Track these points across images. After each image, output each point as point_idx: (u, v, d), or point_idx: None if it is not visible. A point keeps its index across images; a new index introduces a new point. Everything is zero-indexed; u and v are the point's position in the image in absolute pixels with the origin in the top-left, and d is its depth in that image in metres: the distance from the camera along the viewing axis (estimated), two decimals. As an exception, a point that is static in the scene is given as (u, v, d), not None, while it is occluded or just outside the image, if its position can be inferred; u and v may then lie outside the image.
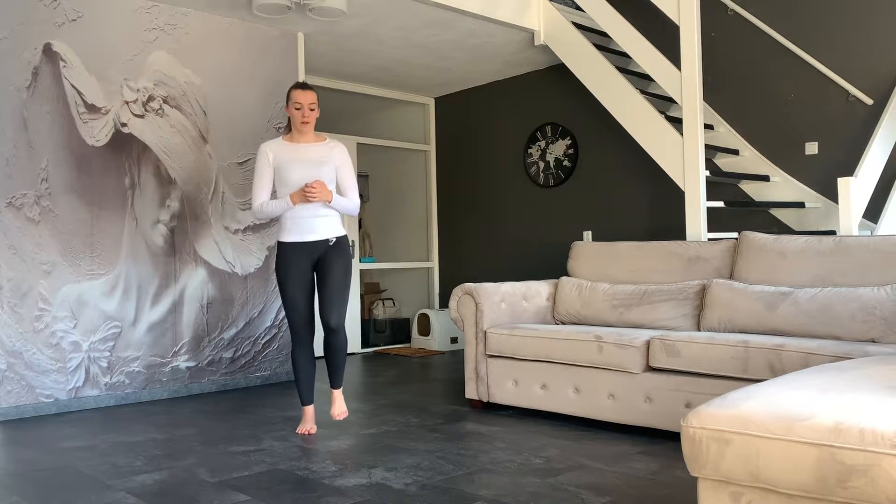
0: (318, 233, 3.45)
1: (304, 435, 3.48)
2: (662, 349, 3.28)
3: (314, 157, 3.46)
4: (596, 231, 5.88)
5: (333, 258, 3.47)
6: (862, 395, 1.61)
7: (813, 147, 4.79)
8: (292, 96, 3.46)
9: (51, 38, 4.21)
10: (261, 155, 3.47)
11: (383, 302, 7.26)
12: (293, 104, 3.45)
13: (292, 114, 3.47)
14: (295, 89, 3.48)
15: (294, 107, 3.45)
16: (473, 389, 4.02)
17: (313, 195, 3.32)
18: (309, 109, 3.45)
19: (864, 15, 4.57)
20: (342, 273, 3.47)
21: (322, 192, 3.35)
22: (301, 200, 3.38)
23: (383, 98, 6.96)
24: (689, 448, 1.62)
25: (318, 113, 3.51)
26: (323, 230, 3.46)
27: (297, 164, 3.42)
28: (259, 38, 5.09)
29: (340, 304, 3.47)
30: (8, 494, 2.66)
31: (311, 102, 3.46)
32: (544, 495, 2.51)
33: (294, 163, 3.42)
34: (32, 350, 4.10)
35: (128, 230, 4.46)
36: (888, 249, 3.29)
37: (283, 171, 3.43)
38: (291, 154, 3.45)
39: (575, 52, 5.16)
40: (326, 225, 3.47)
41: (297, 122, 3.46)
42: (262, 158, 3.46)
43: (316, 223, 3.44)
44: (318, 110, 3.50)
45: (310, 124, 3.47)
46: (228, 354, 4.85)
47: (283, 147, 3.48)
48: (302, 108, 3.44)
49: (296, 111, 3.45)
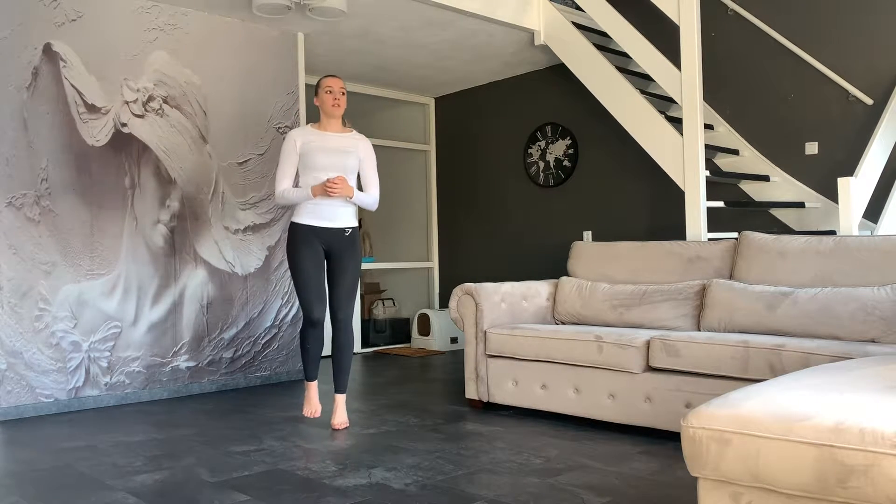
0: (334, 221, 3.52)
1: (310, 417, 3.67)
2: (662, 349, 3.28)
3: (340, 146, 3.54)
4: (596, 231, 5.88)
5: (347, 256, 3.55)
6: (862, 395, 1.61)
7: (813, 147, 4.79)
8: (322, 83, 3.56)
9: (51, 38, 4.21)
10: (288, 141, 3.54)
11: (383, 302, 7.27)
12: (324, 89, 3.54)
13: (323, 99, 3.54)
14: (325, 77, 3.59)
15: (325, 90, 3.54)
16: (473, 389, 4.02)
17: (334, 190, 3.38)
18: (340, 93, 3.54)
19: (864, 15, 4.57)
20: (354, 272, 3.58)
21: (343, 187, 3.41)
22: (321, 194, 3.44)
23: (383, 98, 6.96)
24: (689, 448, 1.62)
25: (346, 103, 3.59)
26: (340, 219, 3.54)
27: (323, 151, 3.49)
28: (259, 38, 5.09)
29: (350, 301, 3.59)
30: (8, 494, 2.66)
31: (342, 87, 3.56)
32: (544, 495, 2.51)
33: (320, 150, 3.50)
34: (32, 350, 4.10)
35: (128, 230, 4.46)
36: (888, 249, 3.29)
37: (309, 157, 3.49)
38: (319, 141, 3.52)
39: (575, 52, 5.16)
40: (344, 215, 3.55)
41: (328, 105, 3.53)
42: (288, 144, 3.53)
43: (335, 212, 3.52)
44: (345, 99, 3.57)
45: (340, 108, 3.55)
46: (228, 354, 4.85)
47: (310, 134, 3.55)
48: (333, 91, 3.53)
49: (327, 94, 3.53)
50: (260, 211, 5.03)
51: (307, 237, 3.50)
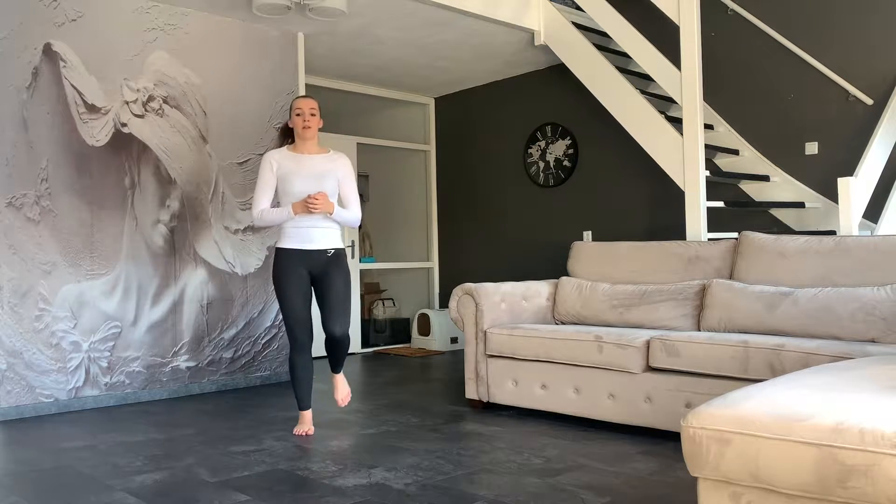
0: (317, 242, 3.46)
1: (301, 436, 3.48)
2: (662, 349, 3.28)
3: (317, 170, 3.48)
4: (596, 231, 5.88)
5: (333, 272, 3.48)
6: (862, 395, 1.61)
7: (813, 147, 4.79)
8: (293, 105, 3.52)
9: (51, 38, 4.21)
10: (265, 163, 3.50)
11: (383, 302, 7.27)
12: (294, 111, 3.51)
13: (294, 122, 3.51)
14: (296, 99, 3.54)
15: (295, 113, 3.50)
16: (473, 389, 4.02)
17: (316, 207, 3.35)
18: (310, 115, 3.48)
19: (864, 15, 4.57)
20: (343, 285, 3.49)
21: (324, 203, 3.37)
22: (303, 211, 3.39)
23: (383, 98, 6.96)
24: (689, 448, 1.62)
25: (321, 122, 3.54)
26: (322, 241, 3.47)
27: (300, 177, 3.45)
28: (259, 38, 5.09)
29: (344, 316, 3.48)
30: (8, 494, 2.66)
31: (312, 108, 3.50)
32: (544, 495, 2.51)
33: (297, 175, 3.45)
34: (32, 350, 4.10)
35: (128, 230, 4.46)
36: (888, 249, 3.29)
37: (286, 183, 3.46)
38: (295, 165, 3.47)
39: (575, 52, 5.16)
40: (326, 236, 3.48)
41: (299, 127, 3.49)
42: (265, 166, 3.49)
43: (316, 233, 3.46)
44: (318, 117, 3.52)
45: (311, 129, 3.49)
46: (228, 354, 4.85)
47: (287, 158, 3.50)
48: (302, 113, 3.48)
49: (296, 117, 3.50)
50: (260, 211, 5.03)
51: (291, 262, 3.44)
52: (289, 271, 3.44)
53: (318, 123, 3.52)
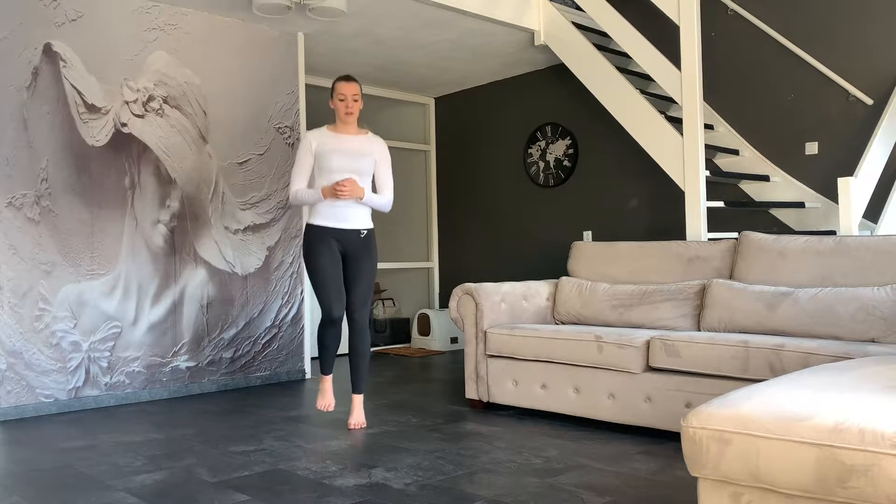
0: (350, 222, 3.52)
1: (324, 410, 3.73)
2: (662, 349, 3.28)
3: (355, 148, 3.54)
4: (596, 231, 5.88)
5: (363, 259, 3.56)
6: (862, 395, 1.61)
7: (813, 147, 4.79)
8: (336, 88, 3.54)
9: (51, 38, 4.21)
10: (303, 142, 3.56)
11: (383, 302, 7.27)
12: (337, 95, 3.53)
13: (336, 105, 3.55)
14: (339, 81, 3.56)
15: (338, 98, 3.53)
16: (473, 389, 4.02)
17: (343, 193, 3.38)
18: (353, 100, 3.53)
19: (864, 15, 4.57)
20: (371, 276, 3.60)
21: (353, 189, 3.42)
22: (331, 196, 3.44)
23: (383, 98, 6.95)
24: (689, 448, 1.62)
25: (362, 104, 3.58)
26: (355, 220, 3.54)
27: (338, 154, 3.50)
28: (259, 38, 5.09)
29: (365, 304, 3.60)
30: (8, 494, 2.66)
31: (354, 94, 3.54)
32: (544, 495, 2.51)
33: (335, 152, 3.50)
34: (32, 350, 4.10)
35: (128, 230, 4.46)
36: (888, 249, 3.29)
37: (324, 159, 3.50)
38: (334, 143, 3.53)
39: (575, 52, 5.16)
40: (359, 216, 3.56)
41: (341, 112, 3.54)
42: (303, 146, 3.55)
43: (350, 213, 3.52)
44: (361, 101, 3.57)
45: (353, 115, 3.55)
46: (228, 354, 4.85)
47: (326, 136, 3.55)
48: (346, 98, 3.52)
49: (339, 102, 3.53)
50: (260, 211, 5.03)
51: (323, 237, 3.50)
52: (322, 246, 3.50)
53: (360, 106, 3.57)
